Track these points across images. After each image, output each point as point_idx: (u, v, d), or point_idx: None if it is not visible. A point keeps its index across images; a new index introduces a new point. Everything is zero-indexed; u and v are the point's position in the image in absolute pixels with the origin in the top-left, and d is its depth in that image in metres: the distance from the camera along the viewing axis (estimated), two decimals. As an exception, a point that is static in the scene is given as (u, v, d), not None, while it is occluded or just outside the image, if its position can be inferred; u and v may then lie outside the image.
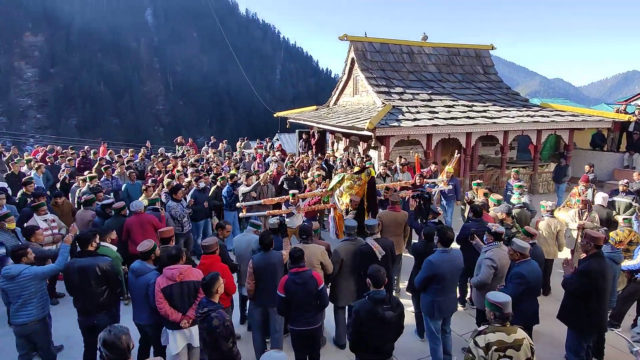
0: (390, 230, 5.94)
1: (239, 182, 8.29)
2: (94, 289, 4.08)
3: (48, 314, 4.32)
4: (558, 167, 11.42)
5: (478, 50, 15.63)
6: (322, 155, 12.47)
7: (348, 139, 14.60)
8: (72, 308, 4.28)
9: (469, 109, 12.19)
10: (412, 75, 13.86)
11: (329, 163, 11.19)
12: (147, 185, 7.49)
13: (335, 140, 16.09)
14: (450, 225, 6.48)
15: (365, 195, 6.61)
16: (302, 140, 16.04)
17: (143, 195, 7.24)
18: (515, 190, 7.20)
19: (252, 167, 11.28)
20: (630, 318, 5.44)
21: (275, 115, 18.66)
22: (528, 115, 12.30)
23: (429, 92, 13.15)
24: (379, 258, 4.50)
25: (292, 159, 11.92)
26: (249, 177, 8.13)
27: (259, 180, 8.09)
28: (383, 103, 11.80)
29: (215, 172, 9.76)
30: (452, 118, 11.20)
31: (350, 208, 6.22)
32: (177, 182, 8.00)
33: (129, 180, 8.71)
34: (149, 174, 9.47)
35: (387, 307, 3.37)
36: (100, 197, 7.07)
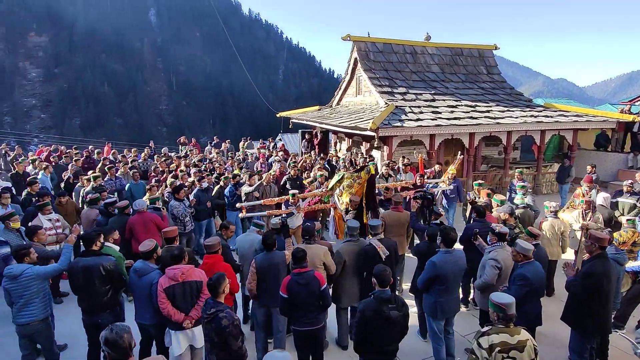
0: (393, 231, 5.93)
1: (241, 182, 8.31)
2: (98, 289, 4.10)
3: (51, 314, 4.34)
4: (562, 167, 11.36)
5: (481, 50, 15.55)
6: (324, 156, 12.47)
7: (351, 139, 14.59)
8: (76, 307, 4.30)
9: (472, 109, 12.14)
10: (415, 76, 13.82)
11: (332, 163, 11.19)
12: (151, 185, 7.58)
13: (338, 141, 16.08)
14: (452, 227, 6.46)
15: (364, 194, 6.48)
16: (304, 141, 16.03)
17: (147, 195, 7.29)
18: (519, 191, 7.17)
19: (255, 167, 11.31)
20: (635, 319, 5.41)
21: (278, 115, 18.67)
22: (532, 116, 12.25)
23: (432, 92, 13.11)
24: (383, 258, 4.50)
25: (294, 159, 11.93)
26: (252, 177, 8.15)
27: (262, 181, 8.10)
28: (386, 103, 11.78)
29: (218, 172, 9.78)
30: (455, 118, 11.16)
31: (350, 208, 6.21)
32: (180, 181, 8.04)
33: (132, 180, 8.76)
34: (153, 174, 9.52)
35: (392, 306, 3.38)
36: (104, 196, 7.12)
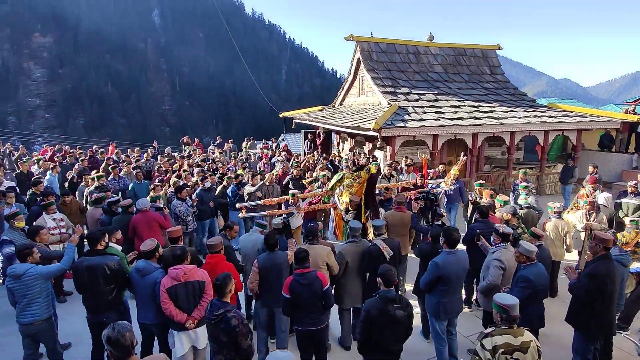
0: (396, 231, 5.92)
1: (244, 181, 8.32)
2: (103, 288, 4.11)
3: (54, 314, 4.36)
4: (565, 168, 11.30)
5: (484, 50, 15.52)
6: (327, 156, 12.47)
7: (354, 139, 14.59)
8: (80, 306, 4.31)
9: (476, 110, 12.11)
10: (418, 76, 13.81)
11: (335, 163, 11.19)
12: (154, 185, 7.62)
13: (341, 141, 16.08)
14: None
15: (364, 193, 6.47)
16: (307, 141, 16.03)
17: (151, 194, 7.33)
18: (522, 191, 7.15)
19: (257, 167, 11.32)
20: (639, 321, 5.38)
21: (281, 116, 18.69)
22: (535, 116, 12.20)
23: (435, 92, 13.09)
24: (387, 259, 4.50)
25: (297, 159, 11.94)
26: (255, 177, 8.17)
27: (264, 181, 8.11)
28: (389, 103, 11.77)
29: (221, 172, 9.80)
30: (458, 118, 11.13)
31: (350, 208, 6.20)
32: (183, 181, 8.07)
33: (136, 180, 8.79)
34: (156, 174, 9.56)
35: (397, 306, 3.38)
36: (108, 195, 7.15)
